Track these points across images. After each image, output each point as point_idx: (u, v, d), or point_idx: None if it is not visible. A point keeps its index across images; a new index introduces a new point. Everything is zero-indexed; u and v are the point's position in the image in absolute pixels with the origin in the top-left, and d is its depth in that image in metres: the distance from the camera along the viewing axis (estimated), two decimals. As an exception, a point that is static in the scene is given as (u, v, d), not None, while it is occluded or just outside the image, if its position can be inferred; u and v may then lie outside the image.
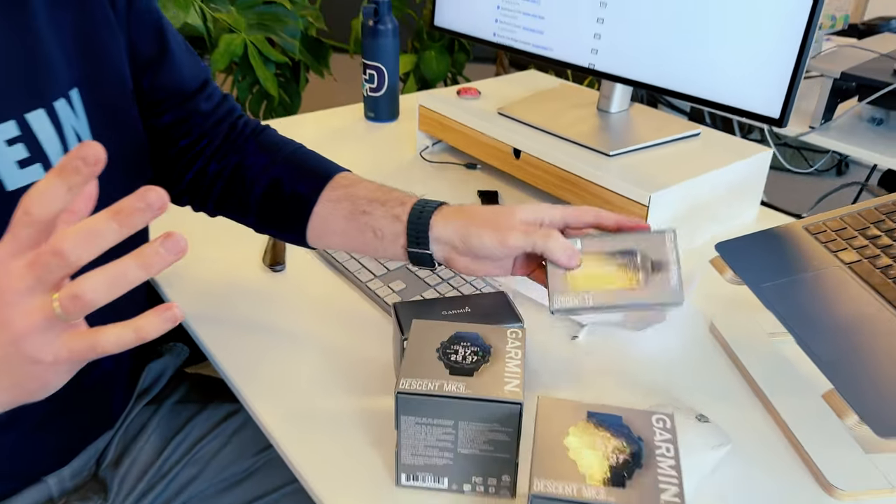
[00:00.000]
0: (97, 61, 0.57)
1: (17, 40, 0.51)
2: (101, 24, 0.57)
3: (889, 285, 0.62)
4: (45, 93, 0.53)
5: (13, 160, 0.51)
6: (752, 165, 0.92)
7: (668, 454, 0.46)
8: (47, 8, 0.53)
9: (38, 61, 0.52)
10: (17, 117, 0.51)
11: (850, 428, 0.54)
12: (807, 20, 0.71)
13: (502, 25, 0.98)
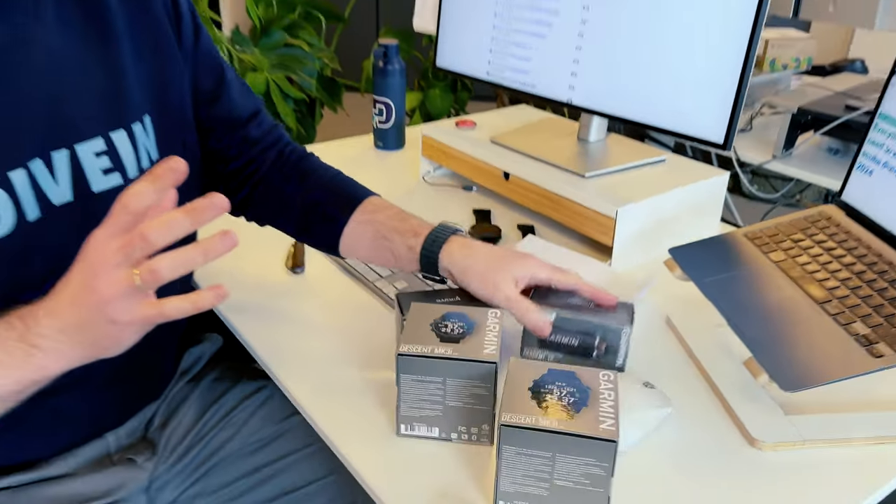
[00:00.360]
0: (165, 93, 0.72)
1: (107, 72, 0.66)
2: (170, 61, 0.72)
3: (806, 277, 0.75)
4: (125, 117, 0.67)
5: (99, 168, 0.65)
6: (711, 186, 1.05)
7: (609, 399, 0.59)
8: (129, 40, 0.68)
9: (121, 91, 0.67)
10: (104, 135, 0.65)
11: (762, 386, 0.67)
12: (742, 65, 0.86)
13: (494, 66, 1.13)
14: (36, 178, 0.60)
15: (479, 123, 1.24)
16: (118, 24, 0.67)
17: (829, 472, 0.65)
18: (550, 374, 0.61)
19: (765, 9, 0.83)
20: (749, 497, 0.62)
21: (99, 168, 0.65)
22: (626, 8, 0.95)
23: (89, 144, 0.64)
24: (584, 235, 1.01)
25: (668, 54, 0.92)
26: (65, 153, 0.63)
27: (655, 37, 0.93)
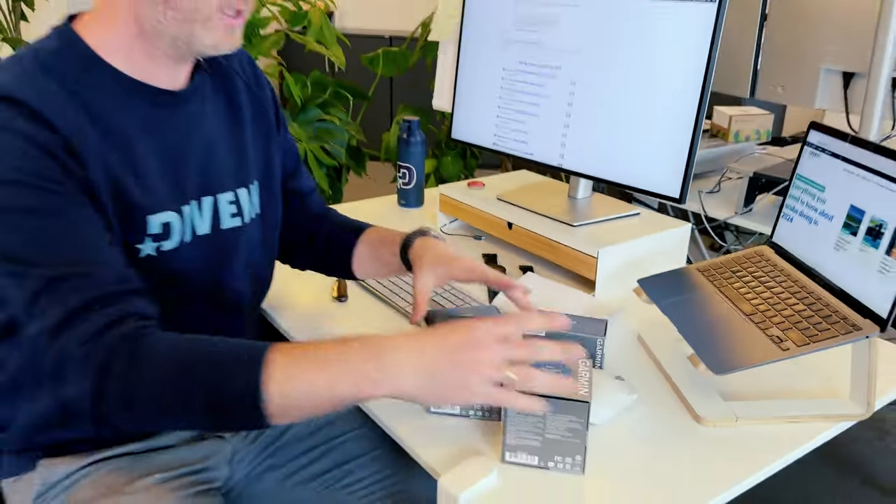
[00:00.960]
0: (268, 167, 0.98)
1: (237, 149, 0.92)
2: (272, 144, 0.99)
3: (739, 298, 0.98)
4: (245, 179, 0.94)
5: (228, 213, 0.90)
6: (676, 234, 1.29)
7: (584, 376, 0.81)
8: (251, 126, 0.95)
9: (244, 162, 0.93)
10: (234, 190, 0.92)
11: (701, 373, 0.88)
12: (690, 139, 1.11)
13: (499, 137, 1.39)
14: (192, 214, 0.86)
15: (486, 185, 1.50)
16: (245, 115, 0.95)
17: (755, 442, 0.86)
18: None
19: (706, 96, 1.09)
20: (695, 461, 0.83)
21: (228, 213, 0.91)
22: (604, 91, 1.21)
23: (225, 195, 0.90)
24: (573, 272, 1.25)
25: (635, 128, 1.18)
26: (210, 199, 0.89)
27: (626, 114, 1.19)
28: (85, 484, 0.88)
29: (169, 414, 0.69)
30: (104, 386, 0.68)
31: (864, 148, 0.93)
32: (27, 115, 0.73)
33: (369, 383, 0.67)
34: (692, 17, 1.08)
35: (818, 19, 1.52)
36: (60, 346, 0.69)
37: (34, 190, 0.72)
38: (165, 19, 0.78)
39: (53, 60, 0.78)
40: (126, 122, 0.81)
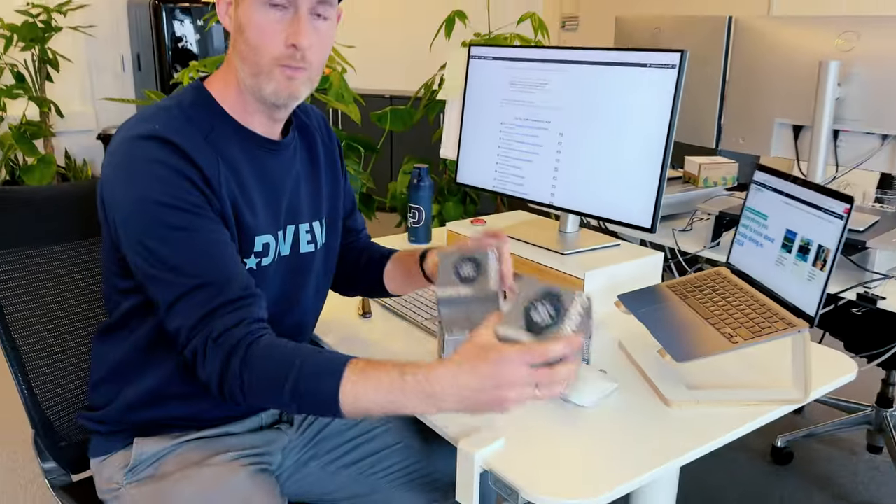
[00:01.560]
0: (334, 207, 1.20)
1: (314, 189, 1.15)
2: (338, 188, 1.22)
3: (699, 306, 1.20)
4: (318, 214, 1.15)
5: (305, 240, 1.12)
6: (651, 261, 1.51)
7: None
8: (325, 172, 1.18)
9: (319, 200, 1.15)
10: (310, 223, 1.13)
11: (668, 363, 1.09)
12: (658, 179, 1.34)
13: (498, 181, 1.62)
14: (279, 239, 1.08)
15: (487, 221, 1.72)
16: (321, 163, 1.18)
17: (713, 420, 1.06)
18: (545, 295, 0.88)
19: (670, 143, 1.32)
20: (663, 433, 1.03)
21: (305, 240, 1.13)
22: (586, 141, 1.44)
23: (303, 226, 1.13)
24: (564, 293, 1.46)
25: (613, 171, 1.41)
26: (293, 227, 1.11)
27: (605, 160, 1.42)
28: (170, 459, 1.07)
29: (269, 400, 0.91)
30: (224, 376, 0.91)
31: (795, 183, 1.16)
32: (179, 154, 0.95)
33: (419, 409, 0.87)
34: (657, 80, 1.32)
35: (770, 80, 1.77)
36: (196, 343, 0.92)
37: (184, 213, 0.94)
38: (245, 76, 1.01)
39: (194, 112, 1.01)
40: (242, 162, 1.03)
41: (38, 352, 1.23)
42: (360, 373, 0.86)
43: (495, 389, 0.81)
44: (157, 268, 0.94)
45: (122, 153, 0.96)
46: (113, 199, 0.97)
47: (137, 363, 1.07)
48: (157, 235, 0.93)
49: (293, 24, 0.97)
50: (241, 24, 0.99)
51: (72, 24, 4.53)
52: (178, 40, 4.51)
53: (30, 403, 1.22)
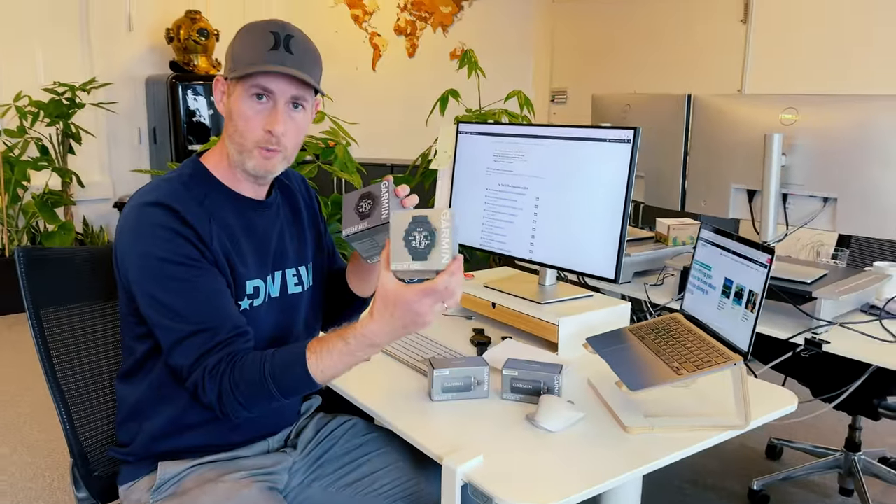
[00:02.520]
0: (318, 253, 1.40)
1: (299, 240, 1.35)
2: (320, 237, 1.42)
3: (654, 346, 1.38)
4: (303, 260, 1.35)
5: (292, 283, 1.31)
6: (619, 310, 1.70)
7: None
8: (307, 225, 1.38)
9: (303, 249, 1.35)
10: (296, 268, 1.33)
11: (625, 393, 1.26)
12: (619, 236, 1.54)
13: (484, 238, 1.83)
14: (269, 282, 1.27)
15: (475, 276, 1.92)
16: (304, 217, 1.38)
17: (666, 443, 1.23)
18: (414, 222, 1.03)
19: (628, 205, 1.53)
20: (620, 454, 1.20)
21: (292, 282, 1.32)
22: (559, 204, 1.65)
23: (290, 270, 1.32)
24: (541, 338, 1.65)
25: (582, 230, 1.61)
26: (280, 272, 1.30)
27: (575, 220, 1.63)
28: (190, 478, 1.24)
29: (261, 402, 1.14)
30: (222, 398, 1.13)
31: (730, 238, 1.36)
32: (177, 217, 1.16)
33: (367, 356, 1.13)
34: (615, 153, 1.54)
35: (725, 150, 2.00)
36: (195, 377, 1.14)
37: (182, 266, 1.14)
38: (233, 153, 1.23)
39: (191, 182, 1.22)
40: (232, 220, 1.24)
41: (79, 393, 1.41)
42: (317, 353, 1.11)
43: (413, 323, 1.06)
44: (161, 314, 1.15)
45: (132, 218, 1.18)
46: (124, 257, 1.18)
47: (154, 400, 1.25)
48: (160, 286, 1.14)
49: (272, 113, 1.19)
50: (231, 111, 1.21)
51: (94, 101, 4.85)
52: (192, 114, 4.82)
53: (71, 437, 1.39)
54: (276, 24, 1.20)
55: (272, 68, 1.16)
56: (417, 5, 5.45)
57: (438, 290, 1.03)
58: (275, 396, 1.12)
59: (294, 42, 1.19)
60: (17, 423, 2.93)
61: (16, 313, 4.41)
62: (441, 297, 1.04)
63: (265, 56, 1.17)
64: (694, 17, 4.39)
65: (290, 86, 1.19)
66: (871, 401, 2.09)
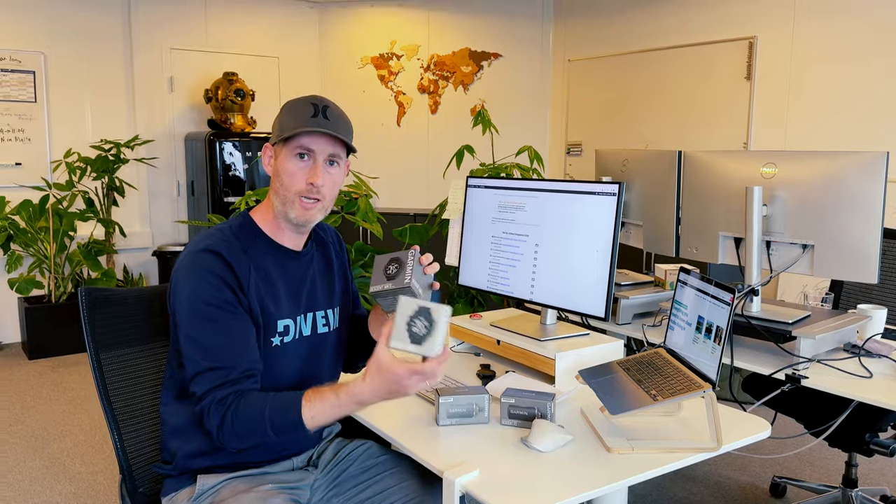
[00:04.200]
0: (346, 299, 1.60)
1: (329, 286, 1.55)
2: (348, 284, 1.62)
3: (637, 377, 1.54)
4: (332, 303, 1.55)
5: (321, 323, 1.51)
6: (612, 346, 1.86)
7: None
8: (337, 273, 1.58)
9: (332, 292, 1.55)
10: (324, 310, 1.53)
11: (606, 417, 1.42)
12: (608, 278, 1.72)
13: (490, 281, 2.01)
14: (300, 322, 1.47)
15: (483, 317, 2.10)
16: (334, 266, 1.59)
17: (644, 462, 1.38)
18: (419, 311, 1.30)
19: (615, 251, 1.71)
20: (602, 470, 1.36)
21: (321, 323, 1.52)
22: (556, 250, 1.84)
23: (320, 312, 1.52)
24: (540, 371, 1.81)
25: (576, 273, 1.79)
26: (311, 314, 1.50)
27: (570, 264, 1.81)
28: (225, 489, 1.42)
29: (257, 438, 1.31)
30: (221, 428, 1.31)
31: (701, 280, 1.53)
32: (224, 263, 1.37)
33: (353, 411, 1.31)
34: (603, 204, 1.73)
35: (713, 201, 2.18)
36: (205, 404, 1.33)
37: (221, 311, 1.35)
38: (277, 203, 1.44)
39: (239, 232, 1.44)
40: (271, 266, 1.45)
41: (129, 418, 1.61)
42: (311, 401, 1.29)
43: (397, 392, 1.25)
44: (191, 347, 1.35)
45: (188, 261, 1.39)
46: (179, 295, 1.38)
47: (196, 423, 1.44)
48: (196, 324, 1.35)
49: (312, 169, 1.42)
50: (278, 170, 1.43)
51: (137, 157, 5.19)
52: (228, 168, 5.12)
53: (122, 456, 1.59)
54: (315, 97, 1.44)
55: (312, 129, 1.39)
56: (440, 65, 5.77)
57: (425, 373, 1.23)
58: (268, 434, 1.29)
59: (330, 111, 1.43)
60: (62, 456, 3.13)
61: (61, 355, 4.67)
62: (426, 378, 1.23)
63: (307, 121, 1.40)
64: (700, 74, 4.61)
65: (327, 145, 1.42)
66: (863, 437, 2.20)
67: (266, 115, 5.72)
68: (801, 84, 4.12)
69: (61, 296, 4.69)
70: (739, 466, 3.01)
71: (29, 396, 3.92)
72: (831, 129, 4.02)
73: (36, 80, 4.87)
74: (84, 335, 1.57)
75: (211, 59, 5.52)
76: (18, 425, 3.50)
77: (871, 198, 1.83)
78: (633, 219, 2.50)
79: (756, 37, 4.30)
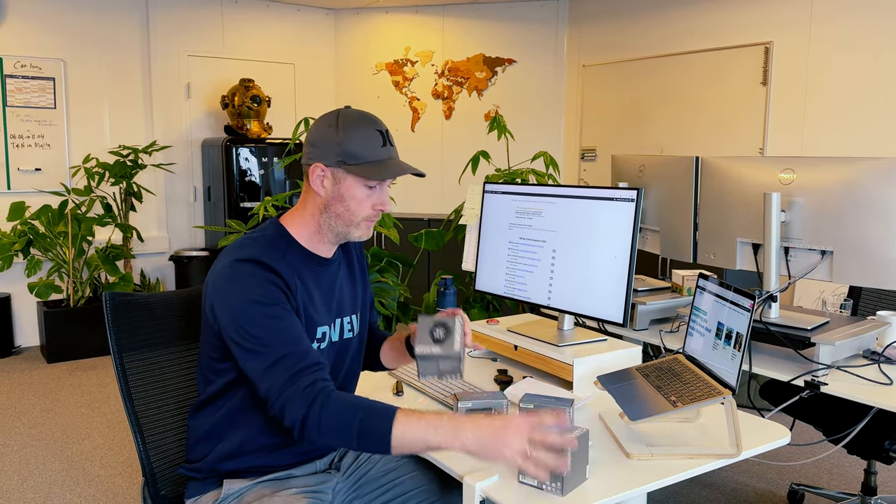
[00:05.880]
0: (365, 304, 1.62)
1: (354, 292, 1.57)
2: (367, 289, 1.63)
3: (656, 383, 1.54)
4: (355, 309, 1.57)
5: (347, 328, 1.53)
6: (630, 352, 1.86)
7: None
8: (359, 279, 1.60)
9: (356, 298, 1.57)
10: (350, 316, 1.54)
11: (626, 423, 1.42)
12: (626, 284, 1.72)
13: (507, 286, 2.02)
14: (332, 328, 1.48)
15: (500, 322, 2.11)
16: (356, 271, 1.60)
17: (663, 467, 1.39)
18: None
19: (634, 256, 1.71)
20: (623, 476, 1.36)
21: (347, 328, 1.53)
22: (574, 255, 1.85)
23: (347, 318, 1.53)
24: (558, 377, 1.82)
25: (594, 279, 1.80)
26: (339, 320, 1.51)
27: (588, 270, 1.81)
28: (250, 493, 1.43)
29: (338, 439, 1.27)
30: (306, 420, 1.28)
31: (720, 286, 1.53)
32: (268, 269, 1.38)
33: (448, 444, 1.23)
34: (621, 210, 1.74)
35: (731, 207, 2.17)
36: (286, 397, 1.29)
37: (273, 306, 1.35)
38: (335, 224, 1.45)
39: (274, 241, 1.44)
40: (306, 275, 1.46)
41: (152, 421, 1.63)
42: (406, 415, 1.25)
43: (503, 436, 1.20)
44: (253, 344, 1.34)
45: (227, 271, 1.39)
46: (222, 303, 1.38)
47: (230, 425, 1.45)
48: (253, 322, 1.34)
49: (381, 195, 1.45)
50: (343, 195, 1.43)
51: (154, 162, 5.24)
52: (244, 174, 5.16)
53: (145, 459, 1.60)
54: (371, 119, 1.44)
55: (401, 170, 1.42)
56: (454, 71, 5.79)
57: (534, 422, 1.21)
58: (352, 438, 1.25)
59: (390, 136, 1.46)
60: (81, 460, 3.16)
61: (79, 359, 4.71)
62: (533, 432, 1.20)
63: (380, 153, 1.42)
64: (716, 80, 4.60)
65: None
66: (882, 444, 2.18)
67: (282, 122, 5.76)
68: (817, 89, 4.10)
69: (80, 300, 4.73)
70: (757, 473, 3.00)
71: (48, 399, 3.96)
72: (848, 134, 4.00)
73: (56, 86, 4.94)
74: (108, 338, 1.59)
75: (228, 66, 5.57)
76: (38, 428, 3.54)
77: (890, 203, 1.83)
78: (650, 224, 2.50)
79: (772, 42, 4.29)
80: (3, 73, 4.76)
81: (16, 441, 3.38)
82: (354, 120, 1.43)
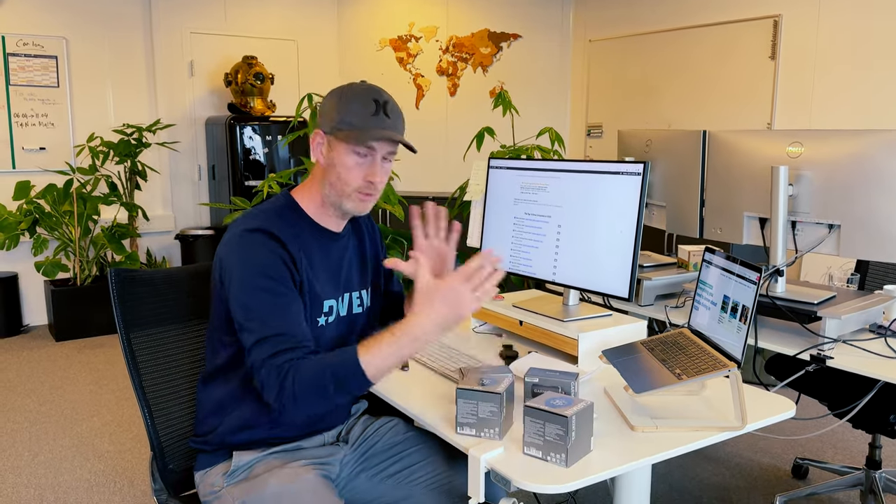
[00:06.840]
0: (377, 277, 1.61)
1: (362, 267, 1.57)
2: (380, 265, 1.63)
3: (662, 356, 1.54)
4: (365, 284, 1.57)
5: (356, 303, 1.53)
6: (634, 327, 1.86)
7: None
8: (370, 254, 1.59)
9: (365, 273, 1.57)
10: (359, 291, 1.55)
11: (630, 396, 1.42)
12: (632, 258, 1.72)
13: (513, 262, 2.02)
14: (339, 302, 1.48)
15: (505, 297, 2.11)
16: (367, 246, 1.60)
17: (668, 440, 1.39)
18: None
19: (640, 230, 1.71)
20: (625, 448, 1.37)
21: (356, 303, 1.53)
22: (579, 230, 1.84)
23: (356, 293, 1.54)
24: (563, 352, 1.82)
25: (600, 253, 1.79)
26: (347, 294, 1.51)
27: (593, 245, 1.81)
28: (260, 465, 1.45)
29: (317, 399, 1.29)
30: (281, 394, 1.29)
31: (727, 259, 1.53)
32: (276, 241, 1.38)
33: (416, 348, 1.29)
34: (627, 184, 1.73)
35: (738, 181, 2.16)
36: (266, 371, 1.31)
37: (276, 282, 1.36)
38: (330, 193, 1.45)
39: (283, 212, 1.45)
40: (314, 248, 1.46)
41: (159, 396, 1.64)
42: (368, 347, 1.29)
43: (453, 310, 1.27)
44: (247, 318, 1.35)
45: (237, 240, 1.39)
46: (230, 269, 1.38)
47: (239, 397, 1.46)
48: (254, 296, 1.35)
49: (371, 166, 1.42)
50: (334, 162, 1.43)
51: (158, 141, 5.23)
52: (249, 152, 5.15)
53: (152, 434, 1.62)
54: (374, 90, 1.43)
55: (382, 134, 1.39)
56: (459, 47, 5.73)
57: (471, 272, 1.25)
58: (329, 392, 1.28)
59: (390, 107, 1.43)
60: (90, 436, 3.20)
61: (87, 337, 4.75)
62: (475, 280, 1.25)
63: (370, 121, 1.40)
64: (724, 54, 4.55)
65: (386, 145, 1.43)
66: (888, 418, 2.18)
67: (285, 99, 5.73)
68: (826, 63, 4.05)
69: (86, 279, 4.76)
70: (761, 448, 3.01)
71: (57, 377, 4.00)
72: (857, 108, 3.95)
73: (58, 65, 4.92)
74: (114, 315, 1.60)
75: (230, 43, 5.54)
76: (47, 405, 3.58)
77: (899, 177, 1.81)
78: (657, 200, 2.49)
79: (781, 15, 4.23)
80: (5, 51, 4.74)
81: (26, 418, 3.42)
82: (357, 91, 1.43)
